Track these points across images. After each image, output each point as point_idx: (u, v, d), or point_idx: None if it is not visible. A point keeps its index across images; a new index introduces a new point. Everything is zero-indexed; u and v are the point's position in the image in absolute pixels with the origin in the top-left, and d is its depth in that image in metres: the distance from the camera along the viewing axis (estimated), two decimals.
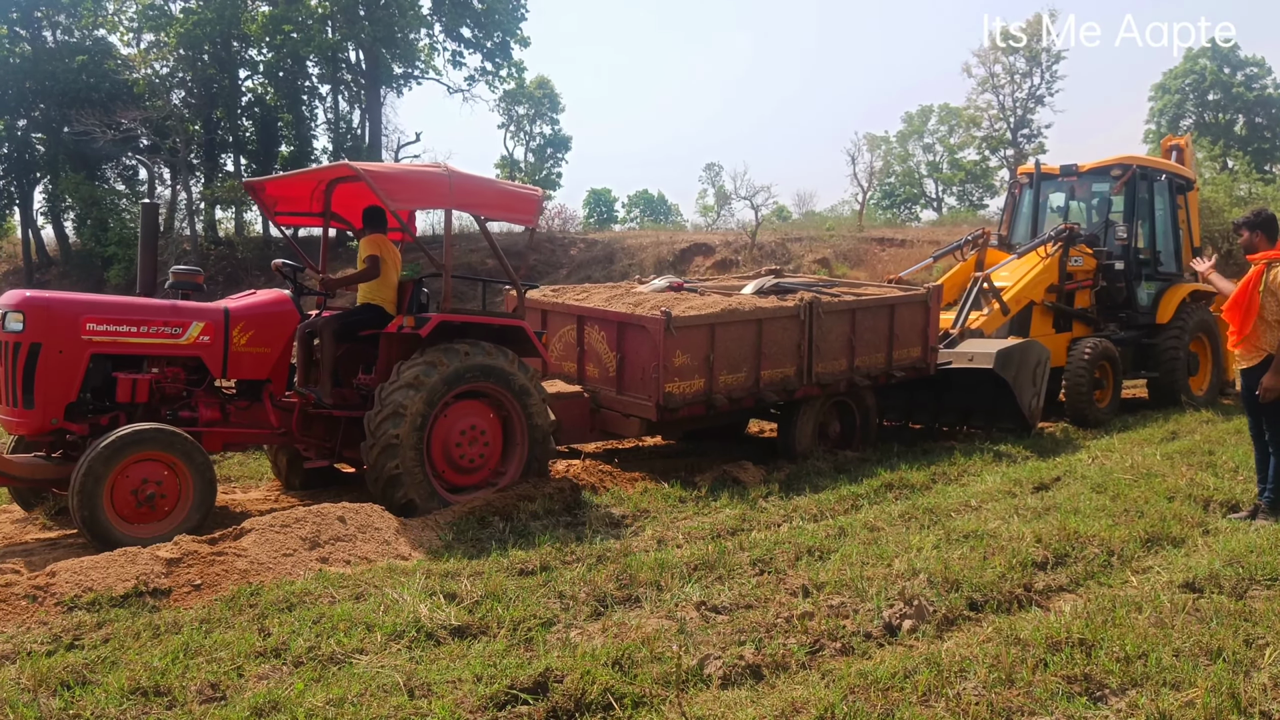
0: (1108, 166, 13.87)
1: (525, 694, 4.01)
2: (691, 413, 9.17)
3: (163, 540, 6.62)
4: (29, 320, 6.88)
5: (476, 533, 6.98)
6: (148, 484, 6.72)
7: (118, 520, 6.59)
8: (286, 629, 4.86)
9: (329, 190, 8.95)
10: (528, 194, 8.68)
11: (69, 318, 7.04)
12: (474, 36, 46.03)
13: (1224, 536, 6.52)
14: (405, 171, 8.02)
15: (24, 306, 6.94)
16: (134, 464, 6.67)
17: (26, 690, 4.12)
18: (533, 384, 8.17)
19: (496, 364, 7.90)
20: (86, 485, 6.43)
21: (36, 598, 5.44)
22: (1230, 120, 56.59)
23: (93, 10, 42.18)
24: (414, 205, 7.92)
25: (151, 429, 6.81)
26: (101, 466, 6.48)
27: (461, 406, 7.93)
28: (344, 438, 8.18)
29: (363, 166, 7.63)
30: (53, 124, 42.10)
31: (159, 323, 7.38)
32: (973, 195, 60.67)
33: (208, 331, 7.55)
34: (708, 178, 69.41)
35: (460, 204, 7.98)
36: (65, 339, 6.96)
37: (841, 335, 10.22)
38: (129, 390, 7.24)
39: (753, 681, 4.27)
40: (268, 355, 7.86)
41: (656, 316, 8.79)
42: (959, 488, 8.40)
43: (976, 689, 4.02)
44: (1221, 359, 14.48)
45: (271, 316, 7.91)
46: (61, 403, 6.98)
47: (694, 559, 6.06)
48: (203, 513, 6.98)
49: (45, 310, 7.00)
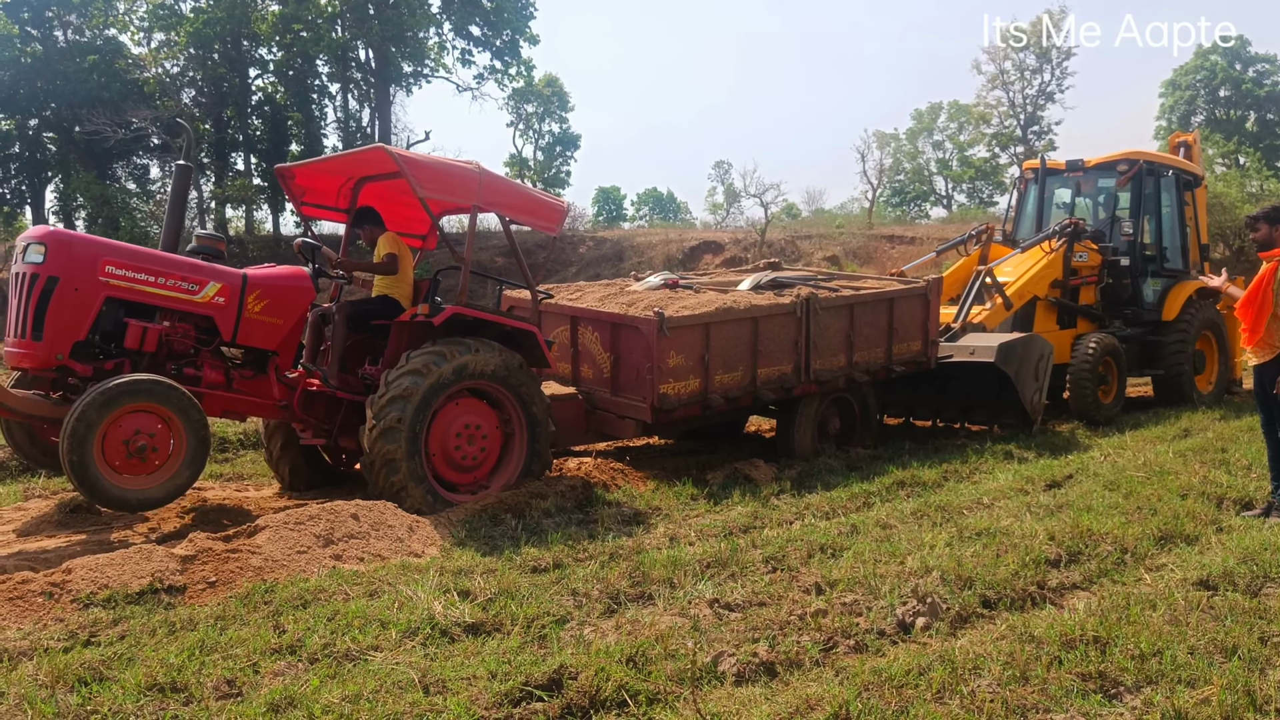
0: (1114, 162, 13.74)
1: (540, 691, 4.03)
2: (687, 413, 9.07)
3: (148, 494, 6.70)
4: (50, 253, 6.89)
5: (489, 530, 6.99)
6: (140, 435, 6.66)
7: (106, 468, 6.53)
8: (301, 626, 4.88)
9: (357, 188, 9.08)
10: (554, 204, 8.90)
11: (89, 257, 7.06)
12: (483, 35, 46.10)
13: (1238, 534, 6.50)
14: (438, 163, 8.12)
15: (47, 239, 6.97)
16: (129, 413, 6.61)
17: (44, 686, 4.15)
18: (537, 389, 8.19)
19: (505, 364, 7.91)
20: (78, 429, 6.36)
21: (53, 594, 5.47)
22: (1241, 117, 56.44)
23: (103, 10, 42.33)
24: (442, 196, 7.95)
25: (151, 380, 6.75)
26: (96, 412, 6.41)
27: (463, 403, 7.95)
28: (343, 422, 8.21)
29: (398, 152, 7.74)
30: (64, 123, 42.25)
31: (177, 277, 7.40)
32: (982, 192, 60.66)
33: (224, 293, 7.57)
34: (717, 175, 69.49)
35: (487, 202, 8.07)
36: (83, 277, 6.97)
37: (839, 331, 10.07)
38: (138, 337, 7.20)
39: (767, 678, 4.27)
40: (279, 327, 7.86)
41: (649, 317, 8.67)
42: (971, 485, 8.39)
43: (991, 686, 4.02)
44: (1228, 356, 14.38)
45: (288, 289, 7.93)
46: (70, 340, 6.95)
47: (706, 556, 6.07)
48: (193, 471, 6.93)
49: (67, 246, 7.02)
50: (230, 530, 6.68)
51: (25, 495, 8.72)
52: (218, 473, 10.06)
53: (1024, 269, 12.71)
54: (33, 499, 8.57)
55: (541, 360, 8.47)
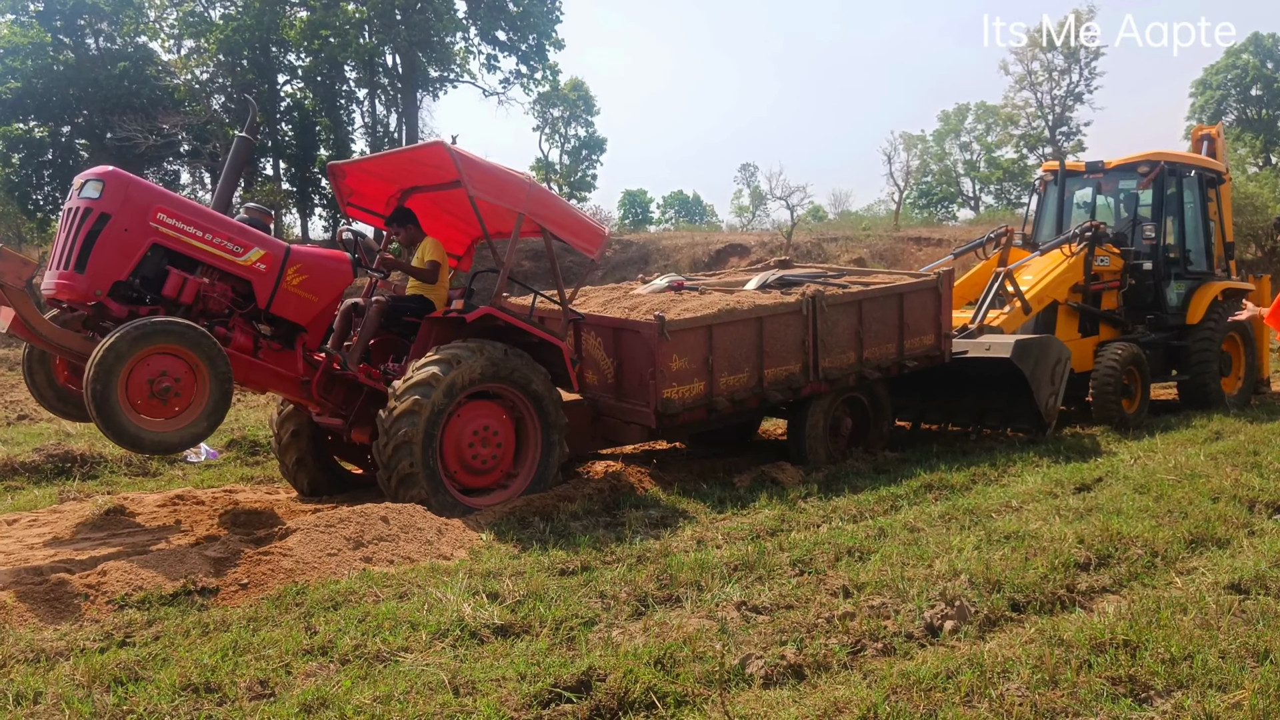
0: (1135, 163, 13.47)
1: (569, 692, 4.05)
2: (692, 417, 8.99)
3: (163, 437, 6.70)
4: (106, 190, 6.98)
5: (517, 533, 7.03)
6: (166, 377, 6.66)
7: (126, 404, 6.50)
8: (333, 627, 4.93)
9: (403, 197, 9.28)
10: (597, 227, 9.08)
11: (143, 202, 7.14)
12: (509, 39, 46.25)
13: (1270, 537, 6.43)
14: (492, 166, 8.22)
15: (106, 177, 7.06)
16: (158, 353, 6.62)
17: (81, 686, 4.22)
18: (533, 372, 8.19)
19: (491, 361, 7.89)
20: (107, 359, 6.35)
21: (88, 596, 5.56)
22: (1274, 115, 55.74)
23: (134, 18, 42.76)
24: (491, 198, 8.03)
25: (185, 324, 6.77)
26: (126, 345, 6.42)
27: (479, 406, 8.02)
28: (359, 412, 8.28)
29: (456, 150, 7.89)
30: (96, 130, 42.68)
31: (224, 236, 7.48)
32: (1010, 194, 60.19)
33: (266, 260, 7.65)
34: (743, 178, 69.56)
35: (533, 211, 8.22)
36: (134, 219, 7.05)
37: (848, 328, 9.91)
38: (178, 287, 7.26)
39: (795, 681, 4.28)
40: (313, 304, 7.93)
41: (650, 320, 8.62)
42: (999, 488, 8.34)
43: (1020, 690, 4.01)
44: (1255, 356, 14.15)
45: (327, 269, 7.99)
46: (111, 278, 7.00)
47: (734, 559, 6.08)
48: (210, 423, 6.94)
49: (124, 186, 7.10)
50: (262, 533, 6.74)
51: (60, 498, 8.86)
52: (248, 475, 10.17)
53: (1043, 273, 12.53)
54: (68, 501, 8.70)
55: (565, 376, 8.55)
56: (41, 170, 44.39)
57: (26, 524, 7.81)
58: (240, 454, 11.22)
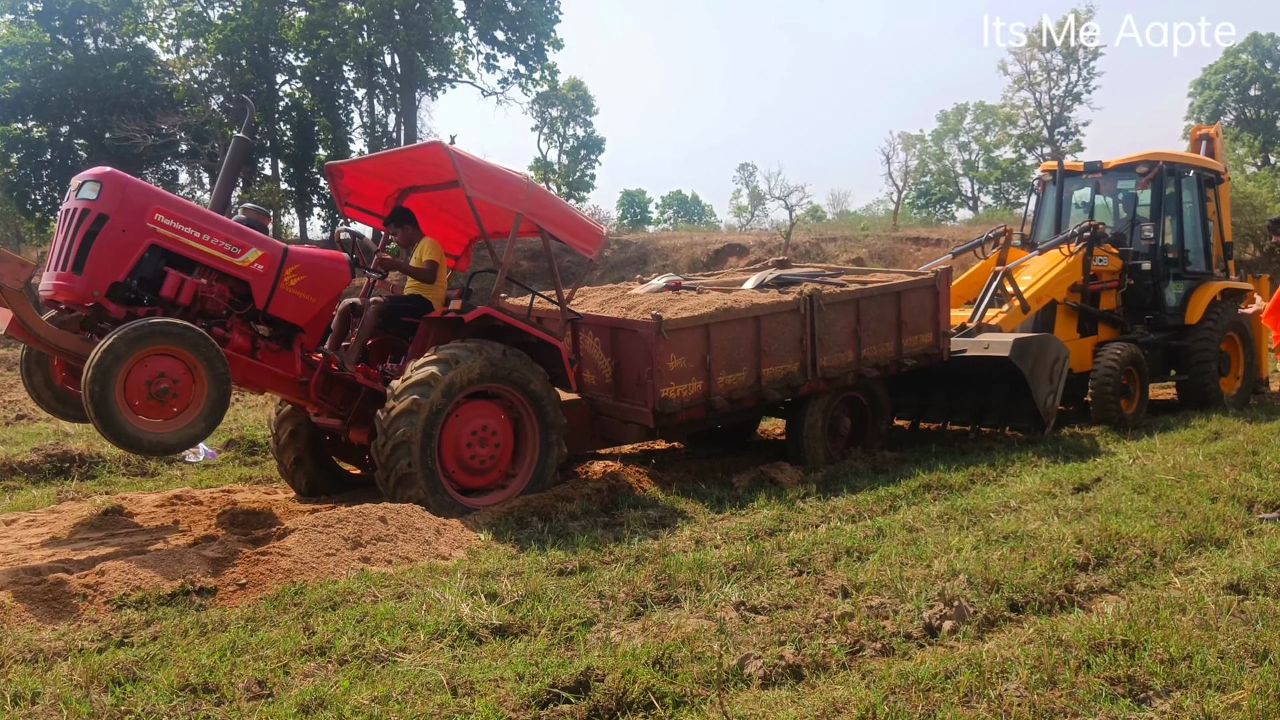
0: (1133, 163, 13.46)
1: (567, 693, 4.05)
2: (690, 416, 8.98)
3: (161, 438, 6.68)
4: (104, 191, 6.98)
5: (515, 533, 7.03)
6: (164, 378, 6.66)
7: (124, 405, 6.49)
8: (331, 628, 4.93)
9: (401, 198, 9.28)
10: (595, 228, 9.06)
11: (141, 202, 7.14)
12: (508, 39, 46.21)
13: (1269, 538, 6.43)
14: (490, 166, 8.23)
15: (104, 178, 7.06)
16: (157, 354, 6.62)
17: (79, 686, 4.22)
18: (529, 370, 8.19)
19: (489, 361, 7.89)
20: (105, 360, 6.34)
21: (87, 596, 5.55)
22: (1273, 115, 55.76)
23: (133, 18, 42.74)
24: (489, 198, 8.03)
25: (183, 325, 6.76)
26: (125, 346, 6.41)
27: (477, 406, 8.01)
28: (357, 412, 8.28)
29: (454, 149, 7.91)
30: (94, 130, 42.66)
31: (222, 236, 7.48)
32: (1009, 194, 60.16)
33: (263, 261, 7.65)
34: (742, 178, 69.43)
35: (531, 211, 8.23)
36: (131, 220, 7.04)
37: (846, 326, 9.91)
38: (175, 288, 7.26)
39: (793, 681, 4.28)
40: (311, 304, 7.93)
41: (647, 320, 8.62)
42: (998, 488, 8.34)
43: (1018, 690, 4.01)
44: (1254, 358, 14.15)
45: (325, 270, 8.00)
46: (109, 279, 7.00)
47: (732, 559, 6.08)
48: (208, 424, 6.94)
49: (122, 187, 7.09)
50: (260, 533, 6.73)
51: (59, 498, 8.85)
52: (247, 475, 10.16)
53: (1042, 272, 12.52)
54: (66, 501, 8.70)
55: (562, 376, 8.54)
56: (40, 170, 44.38)
57: (25, 524, 7.80)
58: (238, 454, 11.22)
